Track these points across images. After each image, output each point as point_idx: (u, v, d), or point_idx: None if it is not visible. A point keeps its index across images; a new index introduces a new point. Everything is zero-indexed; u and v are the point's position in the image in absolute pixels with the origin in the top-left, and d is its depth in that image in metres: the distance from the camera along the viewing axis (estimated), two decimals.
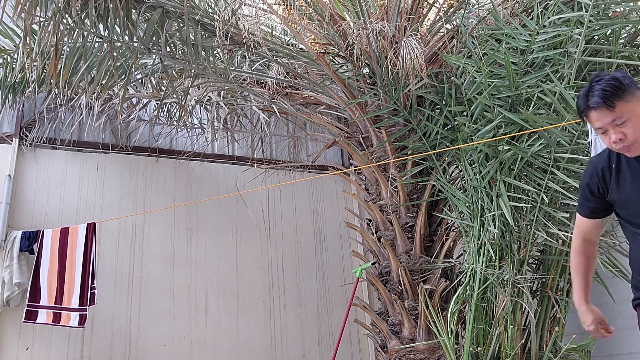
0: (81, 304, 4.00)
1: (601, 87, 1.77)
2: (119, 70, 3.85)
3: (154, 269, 4.72)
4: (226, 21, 3.62)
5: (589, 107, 1.79)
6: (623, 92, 1.76)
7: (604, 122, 1.78)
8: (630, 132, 1.76)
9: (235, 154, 5.49)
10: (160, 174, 5.07)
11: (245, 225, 5.17)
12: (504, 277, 3.31)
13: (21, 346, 4.15)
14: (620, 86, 1.76)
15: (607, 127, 1.79)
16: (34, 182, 4.61)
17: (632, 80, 1.81)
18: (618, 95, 1.75)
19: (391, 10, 3.94)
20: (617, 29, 3.16)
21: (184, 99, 4.26)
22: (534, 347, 3.34)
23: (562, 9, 3.28)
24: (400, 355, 3.77)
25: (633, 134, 1.76)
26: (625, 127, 1.76)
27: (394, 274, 3.93)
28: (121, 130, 5.07)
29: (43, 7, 3.22)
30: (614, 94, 1.75)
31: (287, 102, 4.62)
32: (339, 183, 5.67)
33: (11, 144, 4.59)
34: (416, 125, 3.96)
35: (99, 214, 4.70)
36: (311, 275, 5.25)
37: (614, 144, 1.78)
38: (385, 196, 4.10)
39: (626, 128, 1.76)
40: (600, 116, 1.78)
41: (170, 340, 4.56)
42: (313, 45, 4.45)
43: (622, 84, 1.76)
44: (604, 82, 1.78)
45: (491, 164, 3.40)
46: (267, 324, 4.91)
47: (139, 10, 3.49)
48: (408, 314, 3.79)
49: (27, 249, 4.23)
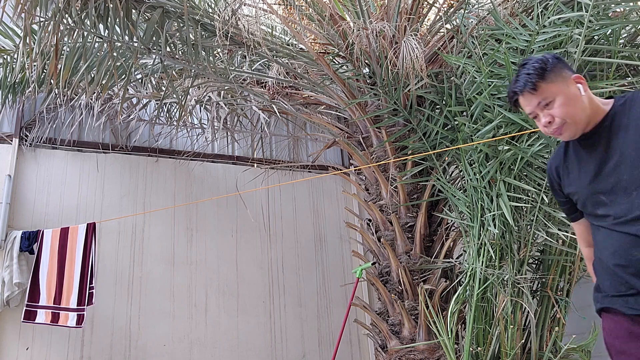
0: (79, 304, 4.00)
1: (525, 71, 1.71)
2: (119, 70, 3.85)
3: (154, 269, 4.72)
4: (226, 21, 3.62)
5: (515, 93, 1.74)
6: (546, 72, 1.69)
7: (532, 107, 1.72)
8: (557, 112, 1.69)
9: (235, 154, 5.49)
10: (160, 174, 5.07)
11: (245, 225, 5.17)
12: (504, 277, 3.31)
13: (21, 346, 4.15)
14: (543, 67, 1.69)
15: (536, 112, 1.72)
16: (34, 182, 4.61)
17: (559, 59, 1.73)
18: (541, 76, 1.69)
19: (391, 10, 3.94)
20: (617, 29, 3.16)
21: (184, 99, 4.26)
22: (534, 347, 3.34)
23: (562, 9, 3.27)
24: (400, 355, 3.77)
25: (560, 114, 1.69)
26: (552, 109, 1.69)
27: (394, 274, 3.93)
28: (121, 130, 5.07)
29: (43, 7, 3.22)
30: (537, 76, 1.69)
31: (287, 102, 4.62)
32: (339, 183, 5.67)
33: (11, 144, 4.60)
34: (416, 125, 3.96)
35: (99, 214, 4.70)
36: (311, 275, 5.25)
37: (545, 128, 1.72)
38: (385, 196, 4.10)
39: (553, 109, 1.69)
40: (527, 101, 1.72)
41: (170, 340, 4.56)
42: (313, 45, 4.45)
43: (545, 65, 1.70)
44: (528, 65, 1.72)
45: (491, 164, 3.40)
46: (267, 324, 4.91)
47: (139, 10, 3.49)
48: (408, 314, 3.79)
49: (27, 249, 4.23)
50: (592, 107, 1.72)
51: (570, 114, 1.69)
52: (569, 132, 1.72)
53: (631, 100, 1.69)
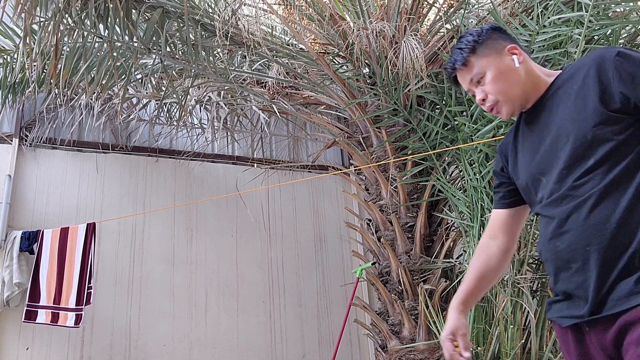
0: (78, 304, 4.00)
1: (457, 45, 1.55)
2: (119, 70, 3.85)
3: (154, 269, 4.72)
4: (226, 21, 3.62)
5: (449, 70, 1.58)
6: (478, 45, 1.51)
7: (466, 84, 1.55)
8: (489, 88, 1.50)
9: (235, 154, 5.49)
10: (160, 174, 5.07)
11: (245, 225, 5.17)
12: (504, 277, 3.31)
13: (21, 346, 4.15)
14: (476, 39, 1.52)
15: (472, 89, 1.54)
16: (34, 182, 4.61)
17: (496, 29, 1.56)
18: (472, 49, 1.51)
19: (391, 10, 3.94)
20: (617, 29, 3.16)
21: (184, 99, 4.26)
22: (534, 347, 3.34)
23: (562, 9, 3.27)
24: (400, 355, 3.77)
25: (492, 90, 1.49)
26: (485, 85, 1.50)
27: (394, 274, 3.93)
28: (121, 130, 5.07)
29: (43, 7, 3.22)
30: (469, 50, 1.52)
31: (287, 102, 4.62)
32: (339, 183, 5.67)
33: (11, 144, 4.59)
34: (416, 125, 3.96)
35: (99, 214, 4.70)
36: (311, 275, 5.25)
37: (481, 106, 1.55)
38: (385, 196, 4.10)
39: (486, 85, 1.50)
40: (461, 78, 1.55)
41: (170, 340, 4.56)
42: (313, 45, 4.45)
43: (478, 37, 1.52)
44: (462, 39, 1.55)
45: (491, 163, 3.40)
46: (267, 324, 4.91)
47: (139, 10, 3.49)
48: (408, 314, 3.79)
49: (27, 249, 4.23)
50: (531, 80, 1.50)
51: (502, 89, 1.49)
52: (505, 109, 1.52)
53: (575, 69, 1.44)
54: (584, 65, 1.40)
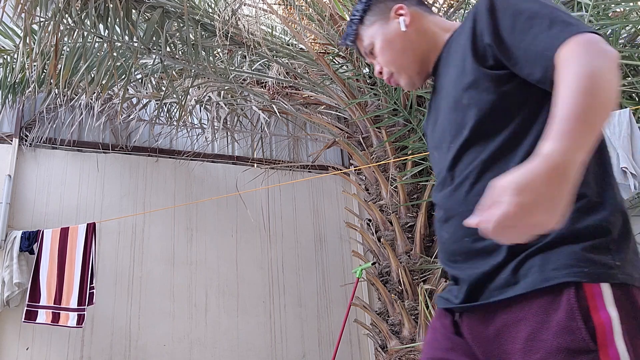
0: (80, 304, 4.00)
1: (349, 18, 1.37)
2: (119, 70, 3.85)
3: (154, 269, 4.72)
4: (226, 21, 3.62)
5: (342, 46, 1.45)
6: (365, 14, 1.33)
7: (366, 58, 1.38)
8: (380, 60, 1.31)
9: (235, 154, 5.49)
10: (160, 174, 5.07)
11: (245, 225, 5.17)
12: None
13: (21, 346, 4.15)
14: (365, 8, 1.34)
15: (371, 61, 1.37)
16: (34, 182, 4.61)
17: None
18: (360, 19, 1.34)
19: None
20: (617, 29, 3.16)
21: (184, 99, 4.26)
22: None
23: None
24: (400, 355, 3.77)
25: (383, 61, 1.31)
26: (377, 57, 1.33)
27: (394, 274, 3.93)
28: (121, 130, 5.07)
29: (43, 7, 3.22)
30: (358, 20, 1.35)
31: (287, 102, 4.62)
32: (339, 183, 5.67)
33: (11, 144, 4.59)
34: (416, 125, 3.96)
35: (99, 214, 4.70)
36: (311, 275, 5.25)
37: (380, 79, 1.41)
38: (385, 196, 4.10)
39: (378, 57, 1.32)
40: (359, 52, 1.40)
41: (170, 340, 4.56)
42: (313, 45, 4.46)
43: (365, 4, 1.34)
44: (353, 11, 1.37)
45: None
46: (267, 324, 4.91)
47: (139, 10, 3.49)
48: (408, 314, 3.79)
49: (27, 249, 4.23)
50: (426, 40, 1.28)
51: (391, 59, 1.29)
52: (403, 80, 1.32)
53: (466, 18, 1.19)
54: (470, 13, 1.16)
